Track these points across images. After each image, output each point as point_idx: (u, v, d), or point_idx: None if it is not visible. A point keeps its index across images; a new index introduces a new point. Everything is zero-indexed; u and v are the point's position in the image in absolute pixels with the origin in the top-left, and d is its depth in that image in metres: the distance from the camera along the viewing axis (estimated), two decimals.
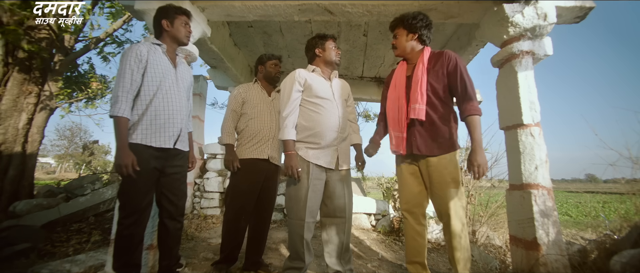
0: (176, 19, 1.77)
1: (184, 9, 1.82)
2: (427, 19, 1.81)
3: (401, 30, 1.83)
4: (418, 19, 1.78)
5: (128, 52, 1.62)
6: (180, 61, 1.87)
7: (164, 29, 1.76)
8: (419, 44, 1.83)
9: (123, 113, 1.53)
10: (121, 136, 1.53)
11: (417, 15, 1.79)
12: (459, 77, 1.67)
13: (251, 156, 2.06)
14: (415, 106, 1.69)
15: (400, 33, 1.84)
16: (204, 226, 3.50)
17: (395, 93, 1.85)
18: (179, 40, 1.80)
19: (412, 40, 1.81)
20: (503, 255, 2.99)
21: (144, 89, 1.63)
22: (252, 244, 2.15)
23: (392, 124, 1.85)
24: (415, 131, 1.74)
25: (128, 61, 1.59)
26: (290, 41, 3.52)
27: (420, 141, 1.72)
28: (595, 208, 4.67)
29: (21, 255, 2.63)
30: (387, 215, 3.72)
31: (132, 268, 1.64)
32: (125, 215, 1.60)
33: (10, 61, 4.06)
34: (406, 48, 1.83)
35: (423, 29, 1.79)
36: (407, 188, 1.84)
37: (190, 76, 1.94)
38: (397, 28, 1.86)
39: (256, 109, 2.13)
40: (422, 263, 1.82)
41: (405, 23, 1.81)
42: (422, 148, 1.72)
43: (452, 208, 1.65)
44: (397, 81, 1.86)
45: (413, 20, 1.78)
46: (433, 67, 1.74)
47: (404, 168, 1.85)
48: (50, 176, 21.77)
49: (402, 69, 1.88)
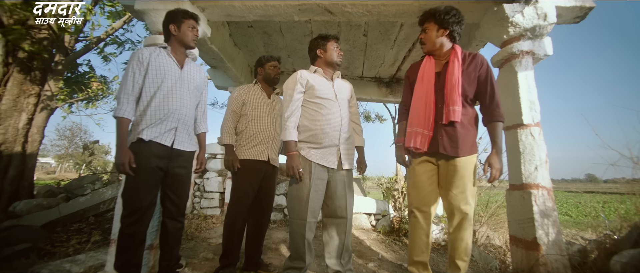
0: (183, 23, 1.81)
1: (191, 13, 1.84)
2: (460, 15, 1.74)
3: (432, 24, 1.76)
4: (451, 14, 1.71)
5: (132, 56, 1.71)
6: (188, 61, 1.88)
7: (172, 34, 1.81)
8: (448, 41, 1.77)
9: (123, 113, 1.61)
10: (121, 136, 1.60)
11: (449, 10, 1.72)
12: (489, 83, 1.69)
13: (250, 157, 2.07)
14: (455, 108, 1.65)
15: (430, 28, 1.77)
16: (204, 226, 3.50)
17: (423, 89, 1.77)
18: (186, 44, 1.84)
19: (442, 36, 1.74)
20: (503, 255, 2.99)
21: (145, 90, 1.68)
22: (251, 244, 2.15)
23: (417, 121, 1.77)
24: (444, 130, 1.70)
25: (131, 65, 1.68)
26: (291, 41, 3.52)
27: (446, 141, 1.69)
28: (595, 208, 4.67)
29: (21, 255, 2.63)
30: (387, 215, 3.72)
31: (132, 268, 1.64)
32: (126, 213, 1.62)
33: (11, 61, 4.06)
34: (436, 44, 1.76)
35: (455, 26, 1.73)
36: (421, 186, 1.79)
37: (201, 76, 1.95)
38: (427, 22, 1.78)
39: (256, 110, 2.13)
40: (424, 263, 1.81)
41: (436, 18, 1.73)
42: (448, 148, 1.68)
43: (469, 212, 1.67)
44: (426, 77, 1.78)
45: (446, 15, 1.71)
46: (466, 69, 1.71)
47: (421, 166, 1.80)
48: (50, 176, 21.78)
49: (430, 65, 1.79)
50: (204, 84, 1.97)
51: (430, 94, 1.74)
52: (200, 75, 1.94)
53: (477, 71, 1.70)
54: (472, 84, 1.71)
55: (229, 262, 2.02)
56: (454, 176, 1.68)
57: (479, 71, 1.70)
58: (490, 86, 1.68)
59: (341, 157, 1.86)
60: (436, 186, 1.79)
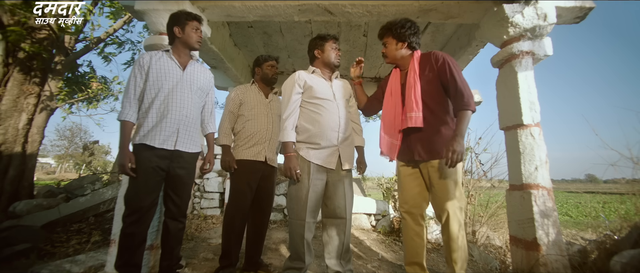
0: (187, 25, 1.82)
1: (194, 15, 1.85)
2: (415, 25, 1.83)
3: (390, 39, 1.86)
4: (406, 27, 1.80)
5: (135, 62, 1.77)
6: (192, 62, 1.89)
7: (176, 36, 1.82)
8: (408, 51, 1.85)
9: (125, 117, 1.67)
10: (123, 138, 1.65)
11: (404, 24, 1.81)
12: (448, 74, 1.67)
13: (248, 157, 2.06)
14: (412, 115, 1.70)
15: (389, 42, 1.86)
16: (204, 226, 3.50)
17: (392, 101, 1.87)
18: (190, 45, 1.85)
19: (402, 48, 1.84)
20: (503, 255, 2.99)
21: (146, 94, 1.72)
22: (251, 244, 2.14)
23: (387, 129, 1.88)
24: (414, 137, 1.75)
25: (133, 70, 1.74)
26: (290, 41, 3.52)
27: (420, 148, 1.73)
28: (596, 208, 4.67)
29: (21, 255, 2.63)
30: (387, 215, 3.72)
31: (132, 268, 1.65)
32: (127, 213, 1.64)
33: (11, 61, 4.06)
34: (396, 56, 1.86)
35: (412, 37, 1.81)
36: (407, 189, 1.84)
37: (205, 76, 1.94)
38: (386, 36, 1.88)
39: (253, 111, 2.13)
40: (420, 264, 1.82)
41: (393, 32, 1.83)
42: (423, 154, 1.72)
43: (451, 209, 1.67)
44: (393, 89, 1.88)
45: (401, 28, 1.80)
46: (424, 71, 1.75)
47: (404, 170, 1.86)
48: (50, 176, 21.79)
49: (396, 77, 1.89)
50: (209, 84, 1.96)
51: (398, 106, 1.81)
52: (205, 76, 1.94)
53: (435, 69, 1.71)
54: (433, 83, 1.72)
55: (228, 263, 2.02)
56: (433, 178, 1.71)
57: (437, 68, 1.71)
58: (451, 77, 1.66)
59: (340, 157, 1.86)
60: (424, 188, 1.81)
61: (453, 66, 1.68)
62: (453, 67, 1.68)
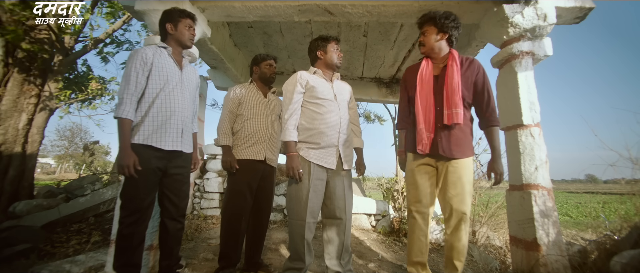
0: (180, 23, 1.79)
1: (188, 12, 1.83)
2: (458, 20, 1.78)
3: (432, 28, 1.78)
4: (451, 19, 1.74)
5: (134, 55, 1.65)
6: (186, 62, 1.88)
7: (168, 33, 1.79)
8: (446, 45, 1.80)
9: (126, 114, 1.57)
10: (124, 137, 1.56)
11: (449, 15, 1.75)
12: (485, 88, 1.72)
13: (247, 157, 2.06)
14: (457, 111, 1.67)
15: (430, 31, 1.79)
16: (204, 226, 3.50)
17: (423, 92, 1.80)
18: (182, 43, 1.82)
19: (441, 40, 1.78)
20: (503, 255, 2.99)
21: (148, 91, 1.66)
22: (251, 245, 2.14)
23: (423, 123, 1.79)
24: (443, 133, 1.74)
25: (133, 64, 1.62)
26: (291, 41, 3.52)
27: (445, 143, 1.73)
28: (595, 208, 4.67)
29: (21, 255, 2.63)
30: (387, 215, 3.72)
31: (131, 268, 1.64)
32: (126, 214, 1.61)
33: (11, 61, 4.06)
34: (434, 48, 1.79)
35: (454, 30, 1.77)
36: (420, 188, 1.82)
37: (197, 77, 1.96)
38: (427, 25, 1.80)
39: (252, 110, 2.12)
40: (423, 263, 1.83)
41: (436, 21, 1.76)
42: (447, 150, 1.72)
43: (468, 211, 1.70)
44: (426, 80, 1.80)
45: (446, 20, 1.74)
46: (464, 73, 1.74)
47: (420, 168, 1.83)
48: (50, 176, 21.77)
49: (428, 68, 1.81)
50: (198, 85, 1.98)
51: (430, 97, 1.77)
52: (196, 77, 1.96)
53: (474, 76, 1.74)
54: (469, 89, 1.74)
55: (227, 263, 2.02)
56: (453, 178, 1.71)
57: (475, 76, 1.74)
58: (487, 92, 1.72)
59: (340, 157, 1.86)
60: (434, 188, 1.82)
61: (488, 80, 1.73)
62: (489, 81, 1.73)
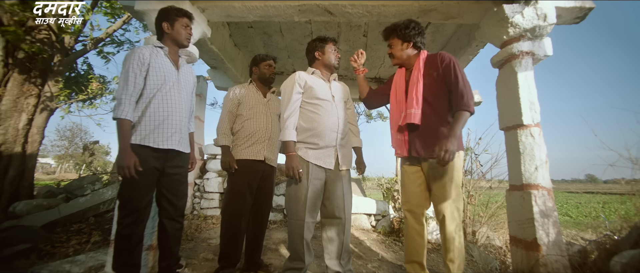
0: (177, 22, 1.78)
1: (185, 11, 1.81)
2: (419, 26, 1.87)
3: (396, 40, 1.89)
4: (410, 27, 1.83)
5: (131, 55, 1.64)
6: (182, 62, 1.87)
7: (165, 32, 1.78)
8: (414, 50, 1.88)
9: (125, 115, 1.56)
10: (124, 138, 1.55)
11: (408, 24, 1.84)
12: (452, 75, 1.70)
13: (247, 157, 2.06)
14: (411, 111, 1.74)
15: (394, 43, 1.90)
16: (204, 226, 3.50)
17: (396, 99, 1.90)
18: (179, 42, 1.81)
19: (407, 48, 1.86)
20: (503, 255, 2.99)
21: (145, 92, 1.65)
22: (251, 245, 2.14)
23: (393, 125, 1.91)
24: (415, 134, 1.78)
25: (131, 65, 1.61)
26: (290, 41, 3.52)
27: (418, 144, 1.76)
28: (595, 208, 4.67)
29: (21, 255, 2.63)
30: (387, 215, 3.72)
31: (131, 268, 1.64)
32: (124, 214, 1.61)
33: (11, 61, 4.06)
34: (402, 56, 1.88)
35: (416, 37, 1.84)
36: (409, 188, 1.86)
37: (193, 77, 1.96)
38: (391, 38, 1.91)
39: (252, 110, 2.12)
40: (420, 263, 1.84)
41: (398, 33, 1.86)
42: (420, 151, 1.76)
43: (447, 210, 1.69)
44: (397, 87, 1.91)
45: (406, 29, 1.83)
46: (428, 71, 1.77)
47: (407, 168, 1.89)
48: (50, 176, 21.77)
49: (400, 75, 1.93)
50: (195, 84, 1.98)
51: (402, 102, 1.84)
52: (193, 76, 1.96)
53: (439, 68, 1.74)
54: (436, 82, 1.74)
55: (227, 263, 2.01)
56: (432, 177, 1.74)
57: (442, 68, 1.73)
58: (454, 78, 1.69)
59: (339, 157, 1.87)
60: (424, 188, 1.83)
61: (457, 68, 1.71)
62: (457, 69, 1.71)
